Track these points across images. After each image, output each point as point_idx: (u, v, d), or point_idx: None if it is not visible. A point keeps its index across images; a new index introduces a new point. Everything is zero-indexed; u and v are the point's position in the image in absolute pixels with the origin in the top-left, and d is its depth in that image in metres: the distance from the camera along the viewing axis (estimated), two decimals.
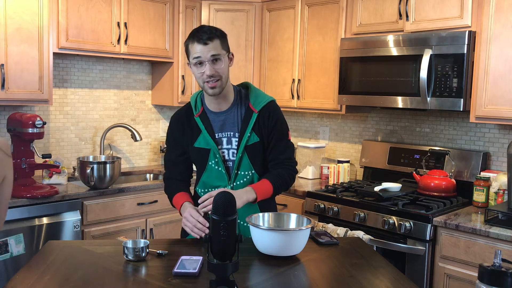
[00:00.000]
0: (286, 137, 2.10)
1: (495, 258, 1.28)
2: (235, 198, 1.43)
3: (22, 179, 2.92)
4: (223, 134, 2.06)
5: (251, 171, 2.05)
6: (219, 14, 3.92)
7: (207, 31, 1.94)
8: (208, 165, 2.07)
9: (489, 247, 2.46)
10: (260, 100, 2.06)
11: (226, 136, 2.06)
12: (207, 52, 1.92)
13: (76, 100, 3.71)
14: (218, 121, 2.06)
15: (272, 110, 2.07)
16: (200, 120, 2.06)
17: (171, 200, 2.13)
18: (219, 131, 2.06)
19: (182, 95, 3.91)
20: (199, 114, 2.07)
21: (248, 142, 2.02)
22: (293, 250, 1.74)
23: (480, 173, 3.01)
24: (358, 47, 3.22)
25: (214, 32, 1.95)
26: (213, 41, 1.93)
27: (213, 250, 1.41)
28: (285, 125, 2.12)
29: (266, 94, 2.14)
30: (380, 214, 2.84)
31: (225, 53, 1.98)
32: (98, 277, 1.54)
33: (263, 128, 2.04)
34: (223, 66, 1.96)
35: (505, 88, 2.69)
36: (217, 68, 1.94)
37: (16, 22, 2.94)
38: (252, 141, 2.03)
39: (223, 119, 2.06)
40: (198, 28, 1.98)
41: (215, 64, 1.94)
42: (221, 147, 2.06)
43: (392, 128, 3.61)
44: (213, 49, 1.93)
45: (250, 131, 2.02)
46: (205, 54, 1.93)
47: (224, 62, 1.97)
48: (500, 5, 2.67)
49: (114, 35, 3.44)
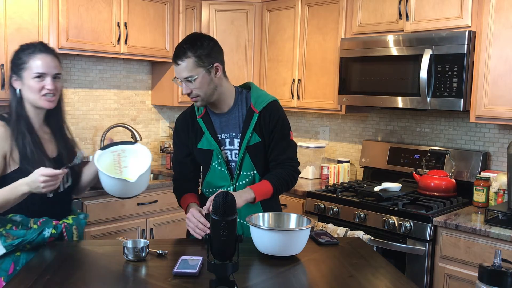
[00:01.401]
0: (287, 137, 2.09)
1: (495, 258, 1.28)
2: (235, 198, 1.43)
3: None
4: (225, 135, 2.07)
5: (253, 172, 2.06)
6: (219, 14, 3.93)
7: (182, 50, 1.92)
8: (211, 165, 2.08)
9: (489, 247, 2.46)
10: (261, 100, 2.05)
11: (229, 137, 2.07)
12: (180, 73, 1.94)
13: (76, 100, 3.71)
14: (220, 122, 2.07)
15: (273, 110, 2.06)
16: (202, 121, 2.07)
17: (179, 201, 2.15)
18: (221, 132, 2.07)
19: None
20: (201, 116, 2.08)
21: (250, 142, 2.03)
22: (293, 250, 1.74)
23: (480, 173, 3.01)
24: (358, 47, 3.22)
25: (188, 51, 1.91)
26: (184, 61, 1.91)
27: (213, 250, 1.41)
28: (286, 125, 2.10)
29: (268, 94, 2.12)
30: (380, 214, 2.84)
31: (201, 70, 1.93)
32: (98, 277, 1.54)
33: (264, 128, 2.04)
34: (199, 84, 1.94)
35: (505, 88, 2.69)
36: (192, 87, 1.95)
37: (16, 22, 2.94)
38: (254, 141, 2.03)
39: (224, 120, 2.07)
40: (180, 43, 1.97)
41: (188, 84, 1.94)
42: (224, 148, 2.07)
43: (392, 128, 3.61)
44: (185, 71, 1.92)
45: (251, 132, 2.02)
46: (179, 74, 1.95)
47: (200, 79, 1.93)
48: (500, 5, 2.67)
49: (114, 35, 3.44)
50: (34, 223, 1.86)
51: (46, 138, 1.98)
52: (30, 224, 1.85)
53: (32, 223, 1.86)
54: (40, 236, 1.82)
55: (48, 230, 1.84)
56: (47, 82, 1.88)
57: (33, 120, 1.94)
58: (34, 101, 1.90)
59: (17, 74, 1.89)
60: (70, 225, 1.94)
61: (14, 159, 1.85)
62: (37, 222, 1.86)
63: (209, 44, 1.96)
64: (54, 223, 1.88)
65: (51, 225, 1.86)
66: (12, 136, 1.86)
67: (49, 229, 1.84)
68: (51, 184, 1.72)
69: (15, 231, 1.82)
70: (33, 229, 1.83)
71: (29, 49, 1.89)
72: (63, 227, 1.90)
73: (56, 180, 1.74)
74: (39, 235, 1.82)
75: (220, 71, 1.99)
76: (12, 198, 1.76)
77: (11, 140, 1.85)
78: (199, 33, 2.04)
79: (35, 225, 1.85)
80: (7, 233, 1.81)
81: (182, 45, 1.94)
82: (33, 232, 1.82)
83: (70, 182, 2.00)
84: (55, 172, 1.72)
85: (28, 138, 1.86)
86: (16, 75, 1.90)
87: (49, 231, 1.84)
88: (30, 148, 1.85)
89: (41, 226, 1.84)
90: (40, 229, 1.83)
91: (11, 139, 1.86)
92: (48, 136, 2.00)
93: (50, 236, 1.84)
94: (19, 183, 1.75)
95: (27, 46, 1.91)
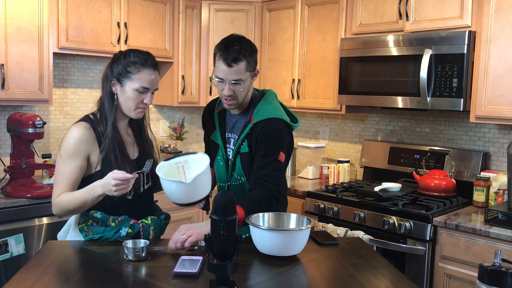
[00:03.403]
0: (272, 156, 1.96)
1: (495, 258, 1.28)
2: (235, 198, 1.43)
3: (22, 179, 2.92)
4: (231, 134, 2.10)
5: (242, 178, 2.07)
6: (219, 14, 3.92)
7: (236, 51, 1.89)
8: (216, 159, 2.13)
9: (489, 247, 2.46)
10: (261, 114, 2.00)
11: (233, 137, 2.10)
12: (229, 75, 1.91)
13: (76, 100, 3.71)
14: (231, 121, 2.11)
15: (266, 127, 1.96)
16: (217, 116, 2.12)
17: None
18: (229, 131, 2.11)
19: (182, 95, 3.91)
20: (219, 110, 2.13)
21: (240, 149, 2.04)
22: (293, 250, 1.74)
23: (480, 173, 3.01)
24: (358, 47, 3.22)
25: (242, 53, 1.89)
26: (238, 63, 1.90)
27: (213, 250, 1.41)
28: (276, 145, 1.97)
29: (274, 110, 2.02)
30: (380, 214, 2.84)
31: (248, 74, 1.95)
32: (98, 277, 1.54)
33: (252, 140, 2.00)
34: (243, 89, 1.95)
35: (505, 88, 2.69)
36: (236, 89, 1.94)
37: (16, 22, 2.94)
38: (243, 150, 2.04)
39: (234, 121, 2.10)
40: (229, 43, 1.92)
41: (234, 86, 1.93)
42: (228, 146, 2.11)
43: (392, 128, 3.61)
44: (236, 73, 1.91)
45: (242, 140, 2.03)
46: (227, 76, 1.92)
47: (245, 83, 1.94)
48: (500, 5, 2.67)
49: (114, 35, 3.44)
50: (112, 221, 1.90)
51: (129, 140, 2.00)
52: (109, 222, 1.90)
53: (111, 221, 1.90)
54: (116, 234, 1.88)
55: (125, 229, 1.89)
56: (147, 96, 1.90)
57: (120, 123, 1.97)
58: (127, 110, 1.92)
59: (118, 80, 1.89)
60: (148, 225, 1.96)
61: (97, 161, 1.89)
62: (116, 220, 1.90)
63: (255, 48, 1.98)
64: (132, 222, 1.91)
65: (127, 225, 1.89)
66: (96, 138, 1.89)
67: (126, 228, 1.89)
68: (123, 188, 1.74)
69: (95, 227, 1.90)
70: (111, 227, 1.89)
71: (140, 59, 1.88)
72: (140, 226, 1.92)
73: (128, 183, 1.75)
74: (115, 233, 1.88)
75: (257, 76, 2.03)
76: (90, 199, 1.81)
77: (93, 142, 1.89)
78: (242, 36, 1.99)
79: (113, 223, 1.90)
80: (88, 228, 1.91)
81: (233, 46, 1.90)
82: (111, 230, 1.88)
83: (150, 183, 2.03)
84: (126, 176, 1.73)
85: (113, 144, 1.88)
86: (117, 80, 1.90)
87: (125, 230, 1.88)
88: (115, 153, 1.88)
89: (118, 225, 1.89)
90: (117, 228, 1.88)
91: (95, 141, 1.89)
92: (131, 139, 2.02)
93: (126, 235, 1.88)
94: (95, 184, 1.80)
95: (136, 55, 1.89)
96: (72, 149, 1.85)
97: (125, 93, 1.89)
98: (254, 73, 2.00)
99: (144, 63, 1.88)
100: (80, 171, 1.88)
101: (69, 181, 1.86)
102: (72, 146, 1.86)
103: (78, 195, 1.82)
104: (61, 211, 1.86)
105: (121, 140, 1.93)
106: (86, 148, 1.87)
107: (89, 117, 1.96)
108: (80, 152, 1.86)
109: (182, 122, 4.29)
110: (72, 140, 1.86)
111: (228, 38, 1.95)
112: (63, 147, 1.87)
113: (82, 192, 1.82)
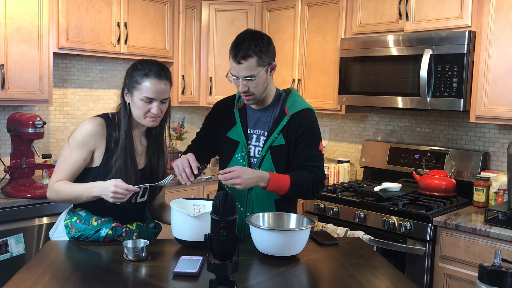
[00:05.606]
0: (315, 147, 2.04)
1: (495, 258, 1.28)
2: (234, 198, 1.43)
3: (22, 179, 2.92)
4: (254, 131, 2.09)
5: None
6: (219, 14, 3.93)
7: (245, 48, 1.90)
8: (234, 157, 2.09)
9: (489, 247, 2.46)
10: (296, 105, 2.04)
11: (256, 133, 2.08)
12: (240, 71, 1.93)
13: (76, 100, 3.71)
14: (253, 118, 2.10)
15: (305, 117, 2.03)
16: (238, 112, 2.11)
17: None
18: (252, 127, 2.10)
19: (182, 95, 3.91)
20: (239, 107, 2.12)
21: (274, 143, 2.03)
22: (293, 250, 1.74)
23: (480, 173, 3.01)
24: (358, 47, 3.22)
25: (252, 49, 1.90)
26: (247, 60, 1.91)
27: (213, 250, 1.41)
28: (316, 135, 2.06)
29: (306, 102, 2.10)
30: (380, 214, 2.84)
31: (261, 69, 1.94)
32: (98, 277, 1.54)
33: (292, 132, 2.02)
34: (256, 84, 1.95)
35: (505, 88, 2.69)
36: (249, 85, 1.95)
37: (16, 22, 2.94)
38: (278, 142, 2.03)
39: (257, 116, 2.09)
40: (239, 40, 1.93)
41: (248, 82, 1.94)
42: (250, 143, 2.09)
43: (392, 128, 3.61)
44: (246, 69, 1.92)
45: (278, 133, 2.03)
46: (239, 73, 1.94)
47: (259, 79, 1.94)
48: (500, 5, 2.68)
49: (114, 35, 3.44)
50: (95, 220, 1.90)
51: (139, 149, 1.99)
52: (91, 221, 1.90)
53: (94, 220, 1.90)
54: (96, 234, 1.88)
55: (105, 230, 1.88)
56: (153, 106, 1.89)
57: (135, 131, 1.97)
58: (138, 119, 1.92)
59: (128, 89, 1.92)
60: (132, 231, 1.95)
61: (99, 158, 1.91)
62: (98, 220, 1.90)
63: (268, 42, 1.97)
64: (114, 224, 1.91)
65: (109, 226, 1.89)
66: (106, 137, 1.91)
67: (106, 230, 1.88)
68: (120, 197, 1.76)
69: (78, 224, 1.91)
70: (92, 226, 1.89)
71: (145, 69, 1.88)
72: (123, 231, 1.92)
73: (126, 194, 1.77)
74: (95, 233, 1.88)
75: (274, 70, 2.02)
76: (84, 196, 1.84)
77: (102, 139, 1.91)
78: (255, 30, 2.01)
79: (96, 222, 1.90)
80: (71, 225, 1.92)
81: (243, 43, 1.91)
82: (91, 229, 1.88)
83: (145, 198, 2.02)
84: (128, 187, 1.76)
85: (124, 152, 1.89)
86: (128, 90, 1.92)
87: (105, 231, 1.88)
88: (125, 161, 1.89)
89: (100, 225, 1.89)
90: (98, 228, 1.88)
91: (103, 139, 1.91)
92: (142, 148, 2.01)
93: (106, 236, 1.88)
94: (94, 184, 1.82)
95: (142, 66, 1.90)
96: (81, 139, 1.88)
97: (134, 103, 1.90)
98: (271, 67, 2.00)
99: (147, 73, 1.88)
100: (83, 163, 1.90)
101: (70, 169, 1.89)
102: (82, 137, 1.88)
103: (76, 188, 1.85)
104: (55, 196, 1.89)
105: (132, 149, 1.94)
106: (94, 142, 1.89)
107: (108, 116, 1.97)
108: (88, 145, 1.88)
109: (182, 122, 4.29)
110: (84, 131, 1.89)
111: (240, 35, 1.97)
112: (74, 136, 1.90)
113: (80, 187, 1.84)
